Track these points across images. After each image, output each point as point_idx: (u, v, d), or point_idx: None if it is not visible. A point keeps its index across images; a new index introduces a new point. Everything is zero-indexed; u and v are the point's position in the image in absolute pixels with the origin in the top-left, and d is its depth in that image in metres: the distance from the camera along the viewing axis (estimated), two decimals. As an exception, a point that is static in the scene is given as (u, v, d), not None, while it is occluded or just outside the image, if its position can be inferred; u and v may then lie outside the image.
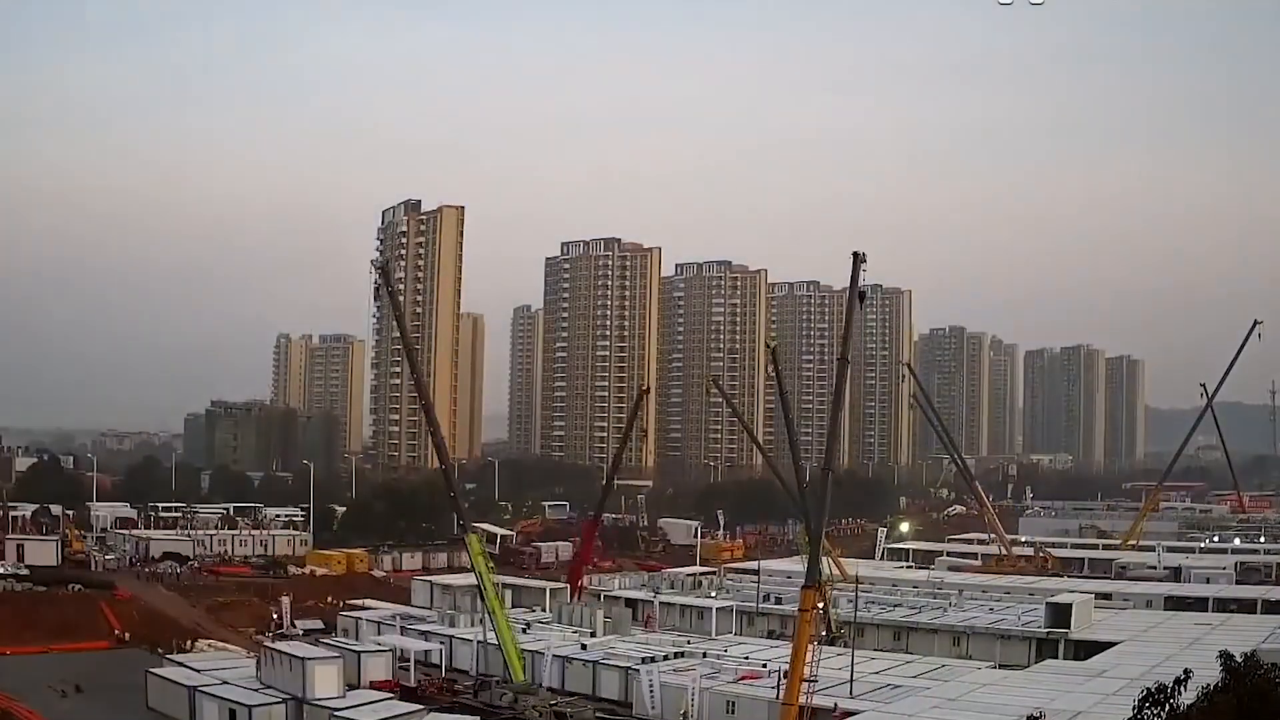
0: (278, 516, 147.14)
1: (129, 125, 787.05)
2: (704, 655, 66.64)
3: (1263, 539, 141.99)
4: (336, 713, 53.62)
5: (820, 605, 49.84)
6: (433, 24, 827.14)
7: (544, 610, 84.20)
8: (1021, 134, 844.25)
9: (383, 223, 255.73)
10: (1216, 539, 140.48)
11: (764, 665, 61.74)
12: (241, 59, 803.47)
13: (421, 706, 57.02)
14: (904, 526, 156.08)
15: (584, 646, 69.25)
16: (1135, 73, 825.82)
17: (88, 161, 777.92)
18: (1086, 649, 67.25)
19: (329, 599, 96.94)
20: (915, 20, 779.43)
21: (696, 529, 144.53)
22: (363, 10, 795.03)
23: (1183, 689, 26.24)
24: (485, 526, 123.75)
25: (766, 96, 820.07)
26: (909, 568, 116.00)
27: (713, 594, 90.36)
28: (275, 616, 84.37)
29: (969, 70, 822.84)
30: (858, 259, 64.88)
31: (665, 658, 65.12)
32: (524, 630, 71.25)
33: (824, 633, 75.73)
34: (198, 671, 61.41)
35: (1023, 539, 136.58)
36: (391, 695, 58.88)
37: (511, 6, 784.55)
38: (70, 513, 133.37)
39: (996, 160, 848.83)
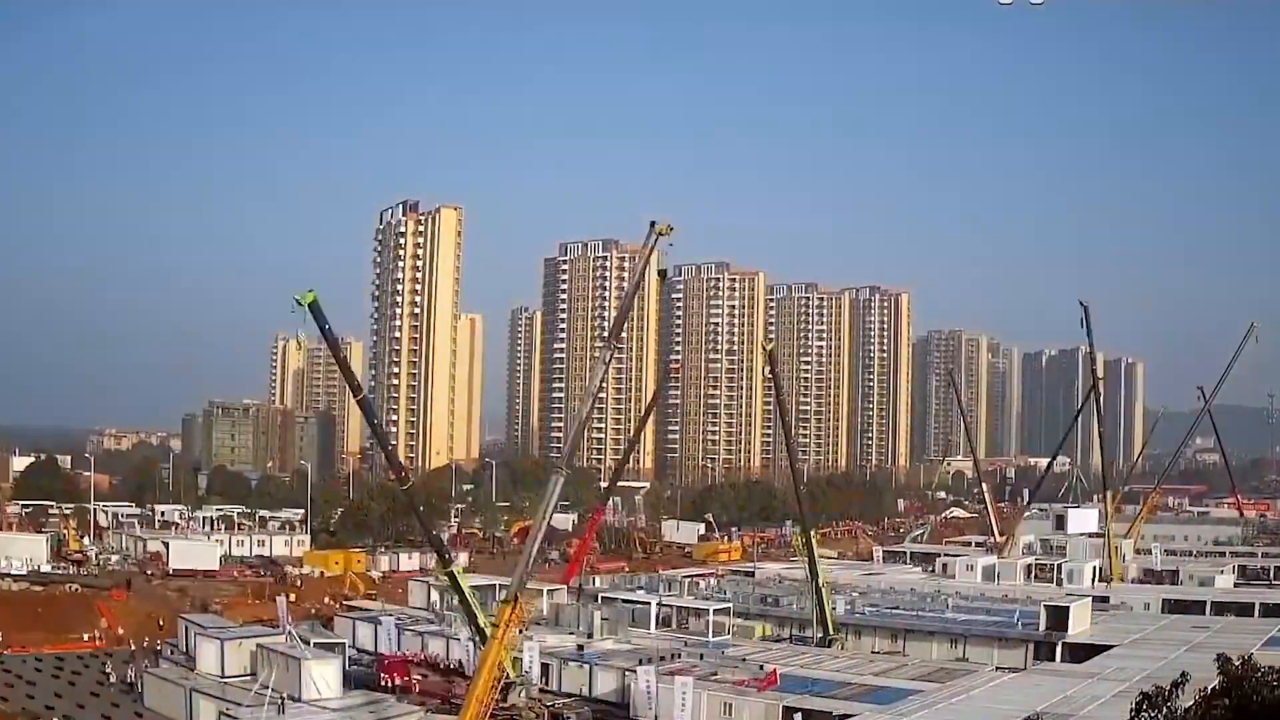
0: (275, 517, 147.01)
1: (129, 123, 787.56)
2: (701, 657, 66.53)
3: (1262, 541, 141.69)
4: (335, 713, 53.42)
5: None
6: (432, 24, 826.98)
7: (541, 611, 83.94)
8: (1019, 135, 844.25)
9: (380, 223, 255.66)
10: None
11: (761, 667, 61.66)
12: (243, 59, 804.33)
13: (420, 707, 56.88)
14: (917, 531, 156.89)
15: (580, 648, 69.09)
16: (1135, 71, 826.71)
17: (87, 159, 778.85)
18: (1084, 652, 67.12)
19: (327, 599, 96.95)
20: (915, 21, 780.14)
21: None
22: (364, 9, 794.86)
23: (1180, 692, 26.24)
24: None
25: (766, 95, 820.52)
26: (920, 572, 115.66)
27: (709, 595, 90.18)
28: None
29: (969, 70, 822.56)
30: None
31: (663, 659, 64.96)
32: (520, 631, 70.94)
33: (822, 634, 76.23)
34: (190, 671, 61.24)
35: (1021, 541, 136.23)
36: (390, 696, 58.74)
37: (512, 8, 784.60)
38: (68, 512, 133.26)
39: (995, 160, 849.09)
